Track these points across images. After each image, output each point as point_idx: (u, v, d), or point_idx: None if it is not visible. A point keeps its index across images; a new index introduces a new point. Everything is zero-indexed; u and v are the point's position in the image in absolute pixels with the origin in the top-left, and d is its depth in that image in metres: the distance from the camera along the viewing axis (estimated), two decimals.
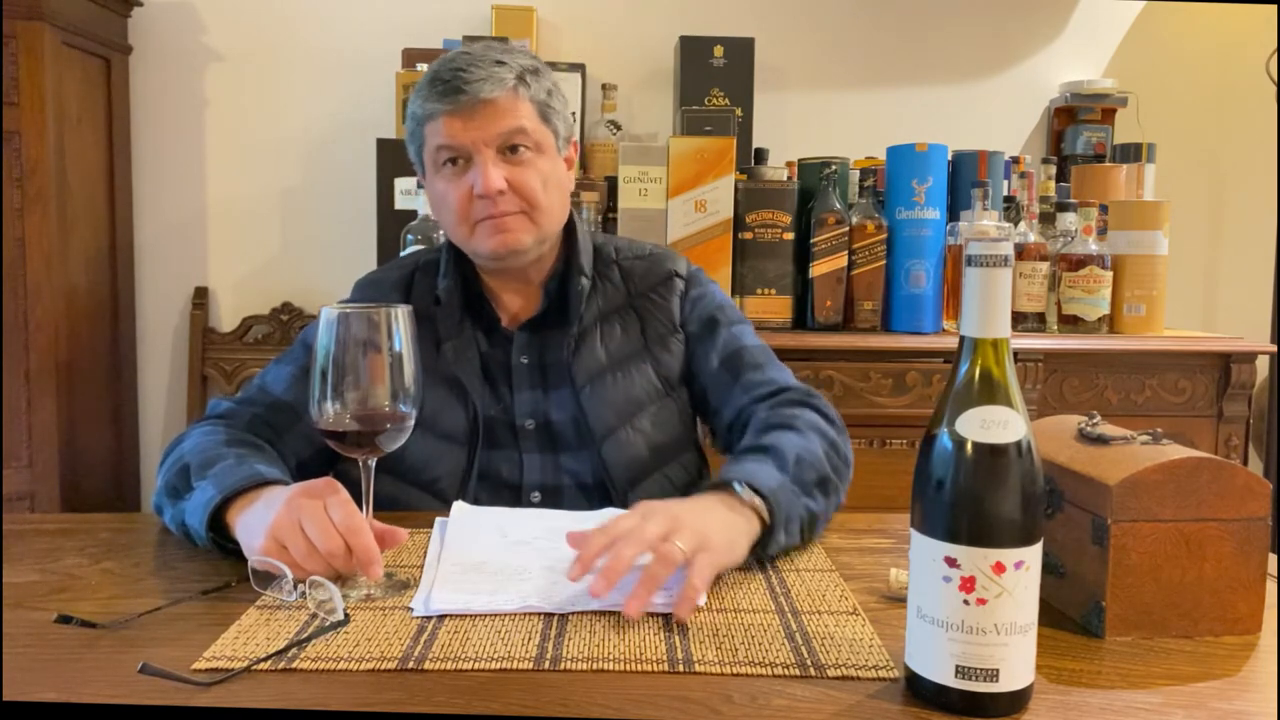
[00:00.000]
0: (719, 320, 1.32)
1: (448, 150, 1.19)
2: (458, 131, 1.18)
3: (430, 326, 1.26)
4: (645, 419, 1.26)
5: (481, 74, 1.17)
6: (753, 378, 1.26)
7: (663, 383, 1.29)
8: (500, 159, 1.19)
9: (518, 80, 1.19)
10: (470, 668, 0.76)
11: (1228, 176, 2.88)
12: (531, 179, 1.20)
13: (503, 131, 1.18)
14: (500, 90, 1.17)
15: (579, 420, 1.25)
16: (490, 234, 1.20)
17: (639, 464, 1.24)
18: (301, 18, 2.71)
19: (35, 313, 2.30)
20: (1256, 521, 0.83)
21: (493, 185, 1.17)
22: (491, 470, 1.24)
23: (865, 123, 2.78)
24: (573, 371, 1.25)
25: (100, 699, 0.71)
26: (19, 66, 2.25)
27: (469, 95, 1.16)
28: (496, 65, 1.18)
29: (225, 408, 1.22)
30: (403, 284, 1.32)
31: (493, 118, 1.18)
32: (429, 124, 1.20)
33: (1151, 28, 2.84)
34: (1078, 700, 0.73)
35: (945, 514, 0.70)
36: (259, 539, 0.91)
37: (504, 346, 1.28)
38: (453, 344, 1.26)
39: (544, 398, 1.27)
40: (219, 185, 2.75)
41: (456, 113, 1.17)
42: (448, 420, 1.23)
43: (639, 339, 1.30)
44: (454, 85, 1.17)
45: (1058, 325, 2.25)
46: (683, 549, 0.87)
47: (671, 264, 1.35)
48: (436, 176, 1.22)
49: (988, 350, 0.71)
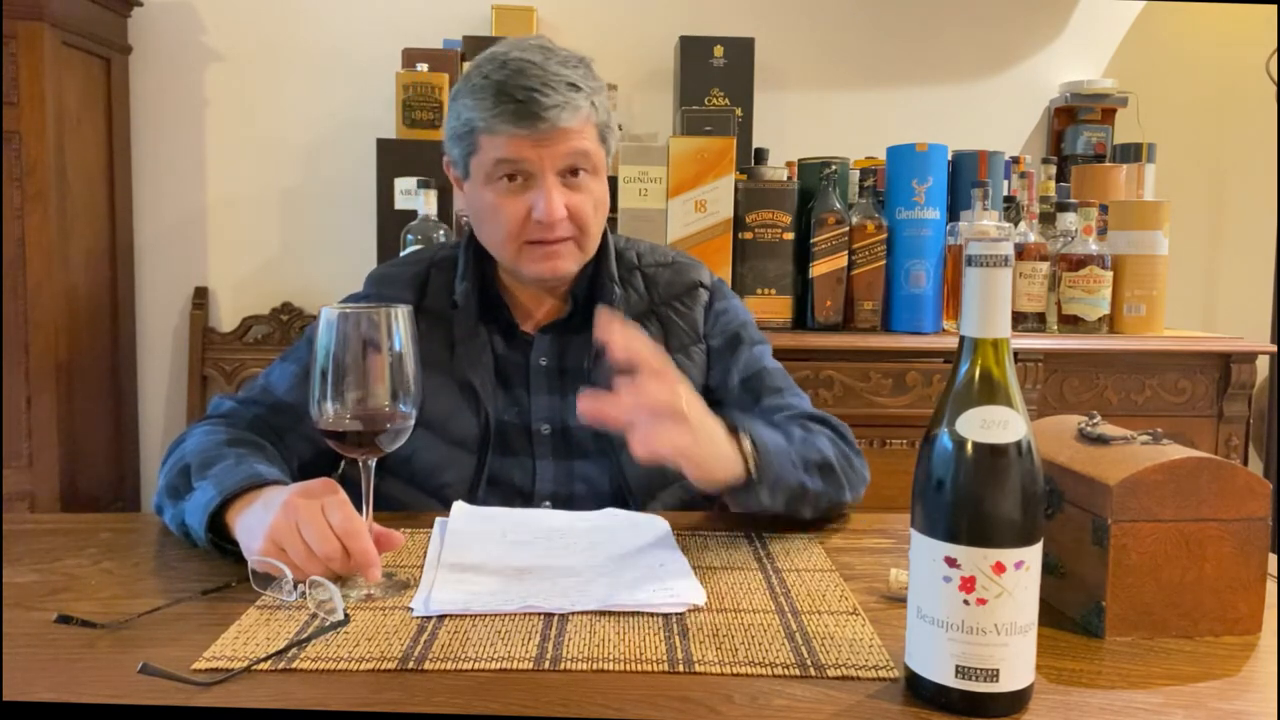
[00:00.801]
0: (742, 339, 1.31)
1: (509, 165, 1.16)
2: (525, 150, 1.15)
3: (445, 328, 1.25)
4: None
5: (558, 99, 1.13)
6: (773, 401, 1.25)
7: None
8: (560, 181, 1.17)
9: (590, 106, 1.17)
10: (470, 668, 0.76)
11: (1228, 176, 2.88)
12: (586, 205, 1.19)
13: (570, 157, 1.16)
14: (576, 119, 1.15)
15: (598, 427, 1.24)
16: (540, 260, 1.19)
17: (659, 474, 1.22)
18: (301, 18, 2.71)
19: (35, 312, 2.30)
20: (1256, 521, 0.83)
21: (556, 213, 1.16)
22: (503, 477, 1.23)
23: (865, 123, 2.78)
24: (593, 379, 1.23)
25: (100, 699, 0.71)
26: (19, 66, 2.25)
27: (547, 122, 1.13)
28: (571, 89, 1.14)
29: (228, 407, 1.21)
30: (417, 280, 1.29)
31: (563, 142, 1.15)
32: (487, 136, 1.16)
33: (1151, 28, 2.84)
34: (1078, 700, 0.73)
35: (945, 514, 0.70)
36: (258, 540, 0.91)
37: (522, 349, 1.27)
38: (466, 347, 1.24)
39: (562, 402, 1.25)
40: (219, 185, 2.75)
41: (528, 136, 1.14)
42: (458, 425, 1.22)
43: (661, 347, 1.29)
44: (529, 109, 1.12)
45: (1058, 325, 2.25)
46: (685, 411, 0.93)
47: (696, 274, 1.34)
48: (488, 188, 1.19)
49: (988, 350, 0.71)
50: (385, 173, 2.37)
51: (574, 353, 1.26)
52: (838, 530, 1.13)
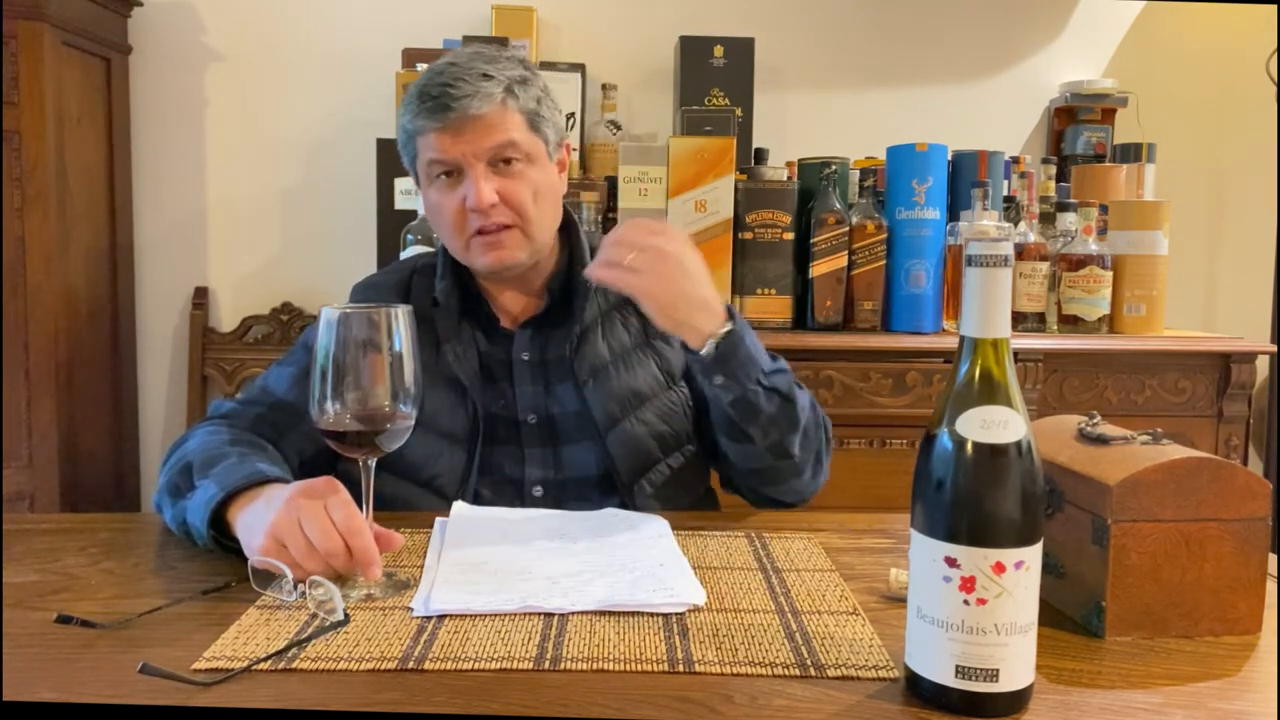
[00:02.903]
0: None
1: (439, 164, 1.21)
2: (448, 146, 1.18)
3: (429, 328, 1.26)
4: (648, 410, 1.26)
5: (469, 89, 1.17)
6: None
7: (665, 376, 1.29)
8: (491, 171, 1.20)
9: (505, 93, 1.19)
10: (470, 668, 0.76)
11: (1228, 176, 2.88)
12: (522, 191, 1.21)
13: (492, 146, 1.19)
14: (488, 105, 1.18)
15: (581, 413, 1.25)
16: (484, 251, 1.22)
17: (644, 455, 1.24)
18: (301, 18, 2.71)
19: (35, 313, 2.30)
20: (1256, 521, 0.83)
21: (484, 199, 1.18)
22: (493, 466, 1.25)
23: (865, 123, 2.78)
24: (575, 367, 1.25)
25: (100, 699, 0.71)
26: (19, 66, 2.25)
27: (456, 112, 1.17)
28: (483, 79, 1.18)
29: (228, 408, 1.23)
30: (401, 287, 1.32)
31: (482, 132, 1.18)
32: (420, 138, 1.21)
33: (1151, 28, 2.83)
34: (1078, 700, 0.73)
35: (945, 514, 0.70)
36: (259, 538, 0.91)
37: (504, 345, 1.28)
38: (452, 345, 1.26)
39: (545, 393, 1.27)
40: (219, 185, 2.75)
41: (445, 129, 1.18)
42: (448, 419, 1.23)
43: (640, 334, 1.30)
44: (441, 102, 1.17)
45: (1058, 325, 2.25)
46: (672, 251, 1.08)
47: None
48: (430, 188, 1.24)
49: (988, 350, 0.71)
50: (385, 173, 2.37)
51: (554, 345, 1.28)
52: (837, 530, 1.13)
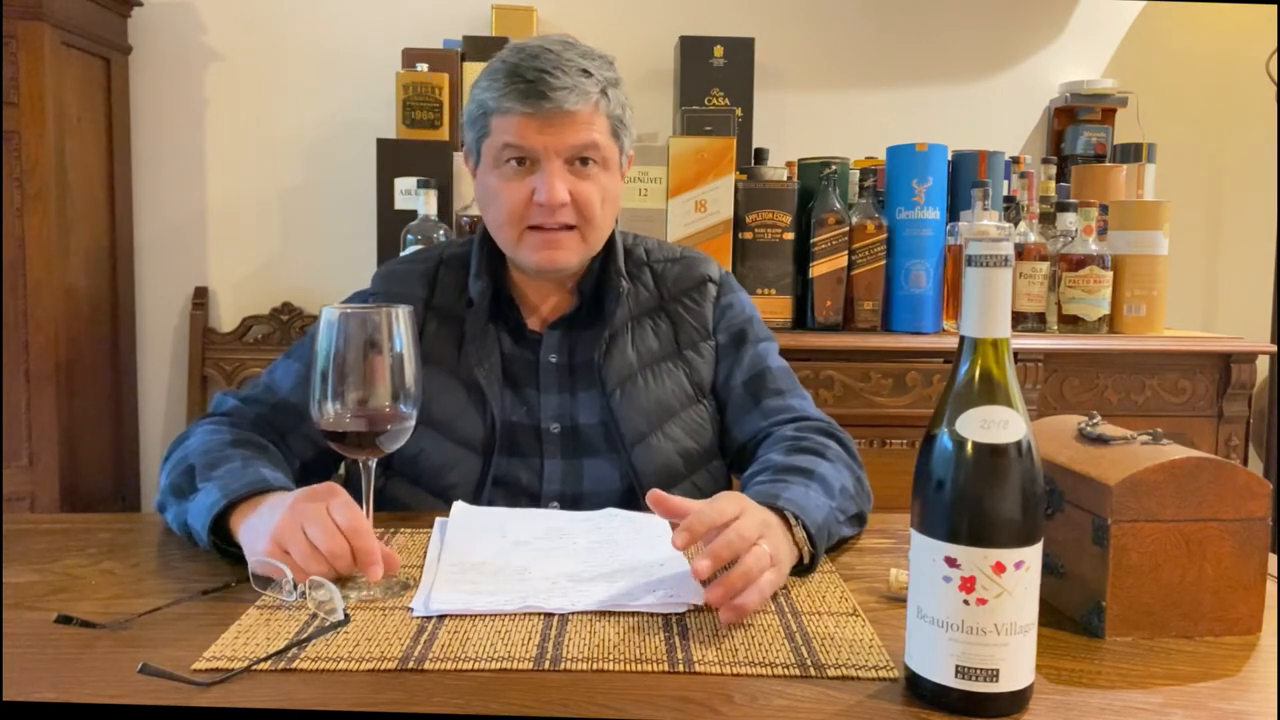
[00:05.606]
0: (747, 336, 1.30)
1: (515, 150, 1.17)
2: (531, 134, 1.15)
3: (454, 326, 1.24)
4: (676, 425, 1.24)
5: (568, 82, 1.13)
6: (773, 403, 1.24)
7: (694, 389, 1.26)
8: (566, 169, 1.17)
9: (600, 94, 1.17)
10: (470, 668, 0.76)
11: (1228, 176, 2.88)
12: (592, 194, 1.18)
13: (576, 144, 1.16)
14: (584, 103, 1.15)
15: (608, 425, 1.22)
16: (539, 247, 1.19)
17: (669, 471, 1.22)
18: (301, 18, 2.71)
19: (35, 313, 2.30)
20: (1256, 521, 0.83)
21: (557, 197, 1.15)
22: (510, 477, 1.22)
23: (865, 123, 2.78)
24: (603, 374, 1.23)
25: (100, 699, 0.71)
26: (19, 66, 2.24)
27: (552, 103, 1.13)
28: (582, 75, 1.15)
29: (230, 405, 1.21)
30: (426, 278, 1.28)
31: (569, 128, 1.15)
32: (499, 118, 1.17)
33: (1151, 28, 2.83)
34: (1078, 700, 0.73)
35: (945, 514, 0.70)
36: (262, 541, 0.91)
37: (531, 347, 1.26)
38: (474, 346, 1.23)
39: (571, 400, 1.24)
40: (219, 185, 2.75)
41: (534, 116, 1.14)
42: (465, 426, 1.21)
43: (671, 343, 1.28)
44: (537, 88, 1.13)
45: (1058, 325, 2.25)
46: (769, 557, 0.87)
47: (704, 268, 1.34)
48: (494, 172, 1.19)
49: (988, 350, 0.71)
50: (385, 173, 2.37)
51: (583, 348, 1.25)
52: None
